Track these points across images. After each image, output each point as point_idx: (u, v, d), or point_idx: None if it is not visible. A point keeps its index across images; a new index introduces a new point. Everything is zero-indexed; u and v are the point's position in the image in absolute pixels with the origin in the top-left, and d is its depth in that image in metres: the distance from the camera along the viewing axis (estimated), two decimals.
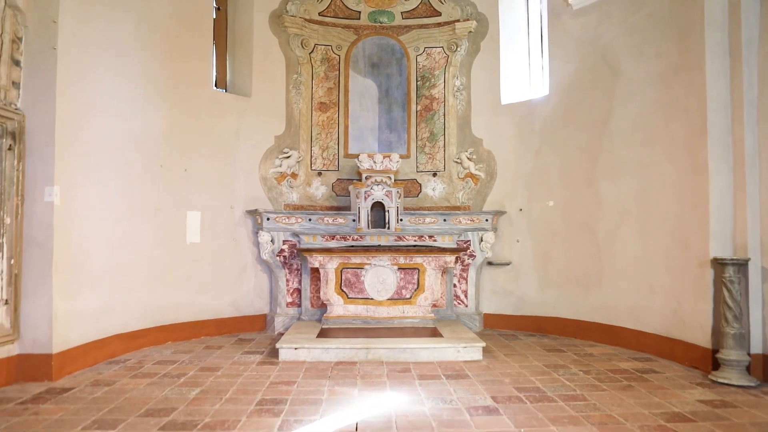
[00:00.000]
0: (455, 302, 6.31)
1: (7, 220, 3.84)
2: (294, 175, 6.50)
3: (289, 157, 6.44)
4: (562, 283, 5.95)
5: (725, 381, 3.86)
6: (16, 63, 3.95)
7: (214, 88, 6.22)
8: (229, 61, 6.55)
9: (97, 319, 4.55)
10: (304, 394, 3.65)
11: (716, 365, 4.03)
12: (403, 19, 6.86)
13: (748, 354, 3.94)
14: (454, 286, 6.32)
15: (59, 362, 4.04)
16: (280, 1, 6.59)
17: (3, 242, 3.80)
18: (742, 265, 3.99)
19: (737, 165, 4.16)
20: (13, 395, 3.61)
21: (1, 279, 3.78)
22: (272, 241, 6.12)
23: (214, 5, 6.25)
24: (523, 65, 6.72)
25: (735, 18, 4.18)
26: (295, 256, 6.18)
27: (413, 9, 6.85)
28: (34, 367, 3.95)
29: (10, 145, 3.85)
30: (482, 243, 6.25)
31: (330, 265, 5.70)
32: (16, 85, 3.95)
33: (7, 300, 3.82)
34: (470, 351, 4.74)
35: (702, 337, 4.27)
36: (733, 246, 4.17)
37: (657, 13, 4.97)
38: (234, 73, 6.52)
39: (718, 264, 4.06)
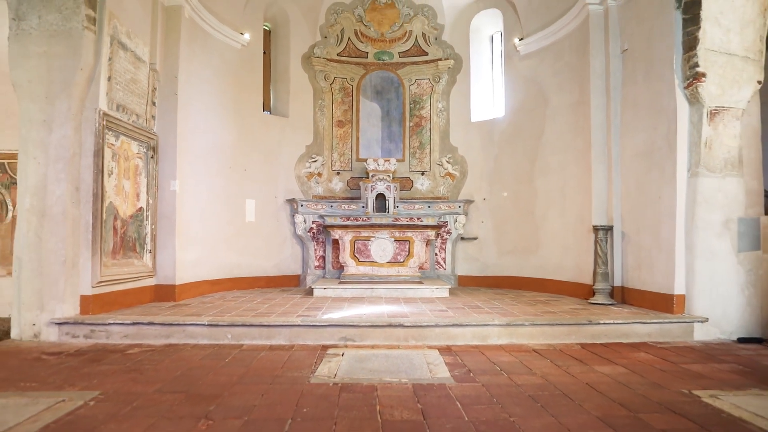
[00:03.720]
0: (437, 266, 8.65)
1: (150, 201, 6.24)
2: (319, 174, 8.88)
3: (315, 161, 8.83)
4: (513, 251, 8.26)
5: (594, 302, 6.16)
6: (153, 103, 6.36)
7: (263, 111, 8.61)
8: (272, 91, 8.95)
9: (194, 268, 6.94)
10: (332, 306, 6.01)
11: (593, 294, 6.32)
12: (399, 57, 9.21)
13: (611, 286, 6.23)
14: (436, 254, 8.66)
15: (179, 291, 6.44)
16: (309, 46, 8.98)
17: (149, 214, 6.21)
18: (608, 230, 6.28)
19: (609, 166, 6.45)
20: (159, 305, 6.01)
21: (148, 236, 6.19)
22: (304, 221, 8.51)
23: (262, 51, 8.62)
24: (487, 93, 9.07)
25: (608, 71, 6.47)
26: (320, 232, 8.56)
27: (407, 50, 9.20)
28: (164, 292, 6.35)
29: (152, 154, 6.26)
30: (456, 223, 8.58)
31: (346, 237, 8.05)
32: (153, 117, 6.35)
33: (150, 250, 6.23)
34: (441, 291, 7.09)
35: (588, 278, 6.57)
36: (606, 218, 6.46)
37: (570, 62, 7.26)
38: (276, 100, 8.93)
39: (596, 229, 6.32)
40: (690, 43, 5.18)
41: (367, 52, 9.19)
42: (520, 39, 8.09)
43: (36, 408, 2.87)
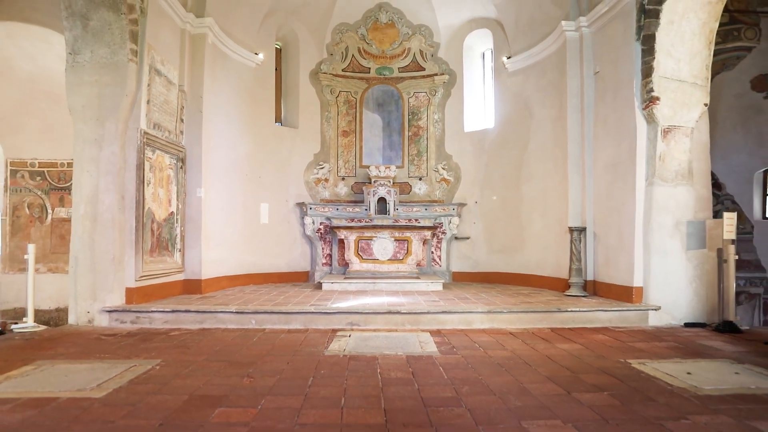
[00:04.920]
0: (433, 263, 9.52)
1: (179, 206, 7.12)
2: (326, 180, 9.76)
3: (323, 168, 9.70)
4: (501, 249, 9.13)
5: (569, 294, 7.02)
6: (182, 120, 7.24)
7: (275, 123, 9.48)
8: (283, 104, 9.83)
9: (217, 265, 7.82)
10: (340, 298, 6.89)
11: (569, 287, 7.17)
12: (399, 72, 10.07)
13: (584, 280, 7.09)
14: (432, 252, 9.53)
15: (204, 285, 7.32)
16: (316, 62, 9.84)
17: (179, 218, 7.09)
18: (582, 231, 7.13)
19: (583, 175, 7.30)
20: (188, 297, 6.89)
21: (178, 237, 7.08)
22: (313, 222, 9.39)
23: (274, 68, 9.48)
24: (479, 105, 9.93)
25: (582, 90, 7.31)
26: (327, 232, 9.44)
27: (406, 65, 10.05)
28: (192, 286, 7.23)
29: (181, 165, 7.14)
30: (450, 224, 9.44)
31: (351, 237, 8.91)
32: (182, 132, 7.23)
33: (180, 249, 7.12)
34: (435, 285, 7.96)
35: (565, 273, 7.41)
36: (580, 220, 7.32)
37: (553, 80, 8.10)
38: (286, 112, 9.80)
39: (571, 230, 7.17)
40: (647, 71, 6.03)
41: (370, 68, 10.04)
42: (508, 57, 8.93)
43: (117, 370, 3.75)
